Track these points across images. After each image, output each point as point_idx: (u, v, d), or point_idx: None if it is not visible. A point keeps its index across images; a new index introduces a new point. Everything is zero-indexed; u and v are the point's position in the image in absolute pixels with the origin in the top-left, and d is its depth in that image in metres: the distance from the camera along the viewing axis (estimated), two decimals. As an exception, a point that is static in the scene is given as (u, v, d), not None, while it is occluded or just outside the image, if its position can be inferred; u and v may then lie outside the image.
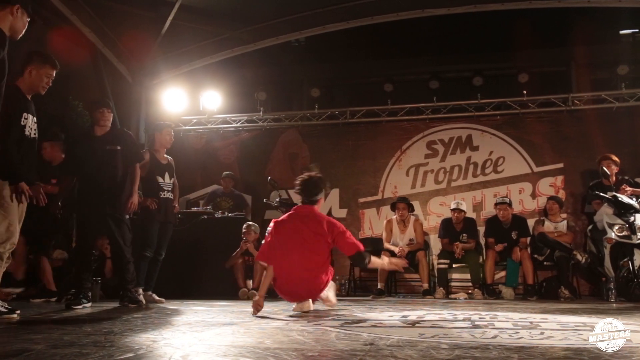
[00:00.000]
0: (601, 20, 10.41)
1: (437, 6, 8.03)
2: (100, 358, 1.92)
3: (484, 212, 7.94)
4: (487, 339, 2.46)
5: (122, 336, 2.58)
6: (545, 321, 3.39)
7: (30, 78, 3.89)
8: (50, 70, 3.97)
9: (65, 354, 2.02)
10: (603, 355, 2.00)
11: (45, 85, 3.98)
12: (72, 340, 2.45)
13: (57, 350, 2.12)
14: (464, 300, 6.40)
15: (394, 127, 8.62)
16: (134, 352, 2.06)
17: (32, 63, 3.90)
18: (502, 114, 8.28)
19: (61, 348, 2.17)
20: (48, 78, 3.96)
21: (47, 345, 2.26)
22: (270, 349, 2.13)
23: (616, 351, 2.07)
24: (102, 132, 4.95)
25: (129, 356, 1.96)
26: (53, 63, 3.97)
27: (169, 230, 5.53)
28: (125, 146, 4.98)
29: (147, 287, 5.38)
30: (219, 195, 7.84)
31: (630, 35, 12.87)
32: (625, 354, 2.02)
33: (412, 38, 11.35)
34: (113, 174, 4.88)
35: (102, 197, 4.79)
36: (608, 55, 10.20)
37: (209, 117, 9.11)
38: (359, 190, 8.47)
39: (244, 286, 6.33)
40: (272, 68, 10.97)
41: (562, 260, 6.49)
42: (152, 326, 3.06)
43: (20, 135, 3.79)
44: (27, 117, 3.83)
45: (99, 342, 2.34)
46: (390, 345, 2.33)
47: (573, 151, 7.85)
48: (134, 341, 2.38)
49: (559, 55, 10.97)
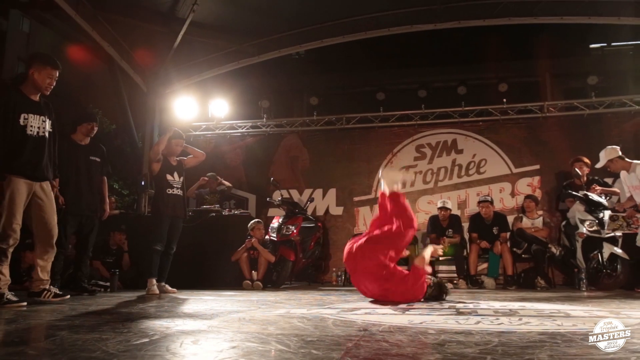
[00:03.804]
0: (573, 35, 10.46)
1: (425, 22, 8.05)
2: (118, 342, 1.92)
3: (467, 209, 7.95)
4: (470, 325, 2.46)
5: (138, 323, 2.58)
6: (523, 308, 3.40)
7: (34, 79, 3.82)
8: (52, 71, 3.85)
9: (87, 339, 2.02)
10: (575, 338, 2.00)
11: (49, 86, 3.86)
12: (92, 326, 2.45)
13: (79, 335, 2.12)
14: (450, 290, 6.39)
15: (386, 132, 8.63)
16: (149, 337, 2.06)
17: (34, 65, 3.82)
18: (484, 120, 8.29)
19: (83, 334, 2.17)
20: (50, 78, 3.86)
21: (70, 331, 2.26)
22: (273, 335, 2.14)
23: (586, 335, 2.08)
24: (85, 143, 5.20)
25: (144, 341, 1.97)
26: (54, 64, 3.85)
27: (178, 225, 5.50)
28: (102, 159, 5.31)
29: (161, 278, 5.36)
30: (206, 195, 7.81)
31: (600, 49, 12.92)
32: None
33: (403, 51, 11.39)
34: (93, 181, 5.16)
35: (82, 202, 5.01)
36: (579, 67, 10.26)
37: (217, 123, 9.11)
38: (354, 189, 8.47)
39: (248, 277, 6.33)
40: (275, 78, 11.01)
41: (538, 253, 6.50)
42: (166, 314, 3.06)
43: (21, 135, 3.72)
44: (28, 117, 3.75)
45: (117, 329, 2.34)
46: (383, 330, 2.33)
47: (548, 154, 7.86)
48: (149, 327, 2.39)
49: (535, 66, 11.03)
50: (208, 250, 6.54)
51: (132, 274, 6.41)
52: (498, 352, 1.73)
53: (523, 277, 6.79)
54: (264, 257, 6.37)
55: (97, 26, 7.37)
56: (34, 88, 3.85)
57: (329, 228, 8.39)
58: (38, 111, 3.85)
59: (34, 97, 3.87)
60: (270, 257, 6.42)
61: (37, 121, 3.82)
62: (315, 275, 8.11)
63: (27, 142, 3.76)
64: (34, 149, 3.80)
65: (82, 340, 1.98)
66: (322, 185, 8.59)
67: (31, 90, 3.85)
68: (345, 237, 8.18)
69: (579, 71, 9.70)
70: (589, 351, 1.74)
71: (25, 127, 3.75)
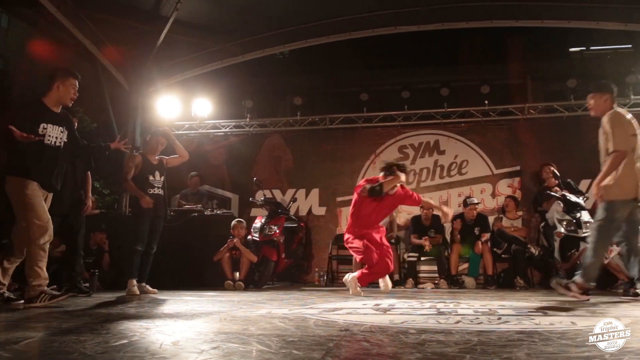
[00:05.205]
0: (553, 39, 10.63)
1: (409, 23, 8.09)
2: (96, 344, 1.89)
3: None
4: (450, 325, 2.49)
5: (117, 324, 2.55)
6: (503, 308, 3.44)
7: (59, 92, 3.94)
8: (74, 81, 4.01)
9: (63, 340, 1.99)
10: (552, 337, 2.03)
11: (73, 97, 4.01)
12: (70, 327, 2.41)
13: (56, 337, 2.09)
14: (431, 290, 6.45)
15: (369, 133, 8.66)
16: (127, 338, 2.04)
17: (58, 78, 3.94)
18: (466, 122, 8.37)
19: (60, 335, 2.13)
20: (74, 89, 4.00)
21: (47, 332, 2.22)
22: (255, 335, 2.13)
23: (563, 333, 2.11)
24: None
25: (123, 342, 1.94)
26: (75, 75, 4.03)
27: (159, 225, 5.43)
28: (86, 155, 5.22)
29: (141, 279, 5.30)
30: (188, 195, 7.75)
31: (579, 53, 13.15)
32: (571, 336, 2.06)
33: (387, 52, 11.45)
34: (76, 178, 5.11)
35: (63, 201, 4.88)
36: (559, 70, 10.41)
37: (200, 122, 9.04)
38: (337, 190, 8.48)
39: (230, 278, 6.29)
40: (259, 78, 10.97)
41: (517, 253, 6.59)
42: (146, 315, 3.03)
43: (39, 145, 3.78)
44: (47, 127, 3.85)
45: (95, 330, 2.31)
46: (364, 330, 2.34)
47: (528, 155, 7.96)
48: (128, 329, 2.36)
49: (517, 69, 11.16)
50: (190, 250, 6.48)
51: (113, 274, 6.32)
52: (477, 350, 1.75)
53: (503, 276, 6.88)
54: (246, 257, 6.34)
55: (78, 23, 7.24)
56: (57, 100, 3.96)
57: (311, 228, 8.39)
58: (57, 122, 3.94)
59: (55, 109, 3.97)
60: (253, 257, 6.39)
61: (56, 132, 3.92)
62: (297, 275, 8.10)
63: (45, 151, 3.84)
64: (49, 159, 3.88)
65: (59, 342, 1.95)
66: (305, 186, 8.59)
67: (54, 102, 3.95)
68: (327, 237, 8.19)
69: (559, 74, 9.84)
70: (565, 349, 1.77)
71: (44, 136, 3.82)
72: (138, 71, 8.40)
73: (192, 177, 7.94)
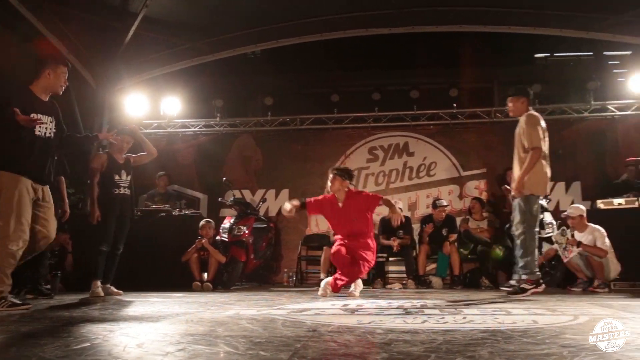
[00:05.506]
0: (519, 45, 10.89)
1: (379, 26, 8.17)
2: (57, 348, 1.84)
3: (417, 211, 8.13)
4: (417, 324, 2.51)
5: (79, 327, 2.48)
6: (468, 307, 3.50)
7: (49, 80, 3.80)
8: (65, 69, 3.89)
9: (21, 345, 1.92)
10: (514, 335, 2.08)
11: (63, 84, 3.88)
12: (29, 331, 2.34)
13: (13, 341, 2.02)
14: (399, 290, 6.52)
15: (340, 134, 8.70)
16: (90, 341, 1.98)
17: (49, 66, 3.81)
18: (435, 124, 8.51)
19: (17, 339, 2.06)
20: (64, 77, 3.88)
21: (4, 336, 2.14)
22: (221, 337, 2.11)
23: (524, 332, 2.17)
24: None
25: (85, 345, 1.89)
26: (65, 62, 3.93)
27: (125, 225, 5.32)
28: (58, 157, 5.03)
29: (106, 280, 5.18)
30: (156, 195, 7.63)
31: (544, 59, 13.51)
32: (532, 334, 2.11)
33: (358, 54, 11.50)
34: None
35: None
36: (525, 75, 10.67)
37: (168, 121, 8.91)
38: (307, 190, 8.45)
39: (198, 278, 6.21)
40: (229, 77, 10.86)
41: (483, 254, 6.74)
42: (110, 317, 2.96)
43: (31, 136, 3.63)
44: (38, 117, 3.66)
45: (56, 333, 2.24)
46: (331, 331, 2.35)
47: (494, 158, 8.14)
48: (91, 331, 2.30)
49: (484, 73, 11.39)
50: (157, 251, 6.37)
51: (76, 275, 6.16)
52: (442, 350, 1.77)
53: (469, 277, 7.01)
54: (215, 257, 6.28)
55: (42, 17, 7.03)
56: (46, 88, 3.81)
57: (281, 229, 8.37)
58: (47, 111, 3.78)
59: (43, 98, 3.81)
60: (221, 258, 6.33)
61: (46, 121, 3.75)
62: (266, 276, 8.07)
63: (36, 142, 3.67)
64: (41, 150, 3.71)
65: (16, 347, 1.89)
66: (275, 186, 8.57)
67: (42, 90, 3.80)
68: (297, 237, 8.18)
69: (525, 79, 10.07)
70: (526, 347, 1.81)
71: (34, 127, 3.65)
72: (105, 68, 8.20)
73: (161, 176, 7.81)
